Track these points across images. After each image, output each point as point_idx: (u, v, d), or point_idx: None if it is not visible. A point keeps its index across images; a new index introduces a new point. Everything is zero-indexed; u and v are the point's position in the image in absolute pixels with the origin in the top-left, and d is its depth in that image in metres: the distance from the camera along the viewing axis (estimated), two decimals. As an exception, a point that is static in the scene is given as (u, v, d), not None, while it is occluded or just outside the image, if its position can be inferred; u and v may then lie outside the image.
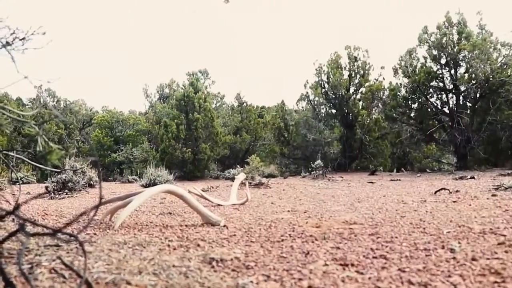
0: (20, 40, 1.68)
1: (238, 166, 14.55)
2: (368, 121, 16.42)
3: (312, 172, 12.31)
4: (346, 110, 16.58)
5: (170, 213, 3.83)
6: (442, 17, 14.06)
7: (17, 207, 0.87)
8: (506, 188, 5.22)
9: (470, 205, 3.85)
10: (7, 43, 1.67)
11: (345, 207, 4.09)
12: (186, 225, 2.93)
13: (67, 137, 25.28)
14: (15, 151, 2.12)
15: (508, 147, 13.25)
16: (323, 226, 2.77)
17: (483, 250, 1.83)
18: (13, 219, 2.99)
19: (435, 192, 5.41)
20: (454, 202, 4.24)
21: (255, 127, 20.63)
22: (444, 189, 5.53)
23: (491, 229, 2.37)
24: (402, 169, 17.03)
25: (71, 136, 26.05)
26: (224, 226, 2.84)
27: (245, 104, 22.00)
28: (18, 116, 1.67)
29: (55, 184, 6.95)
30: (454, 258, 1.72)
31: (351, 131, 16.50)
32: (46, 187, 7.12)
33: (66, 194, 6.75)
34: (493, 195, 4.66)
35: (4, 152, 2.14)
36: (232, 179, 9.67)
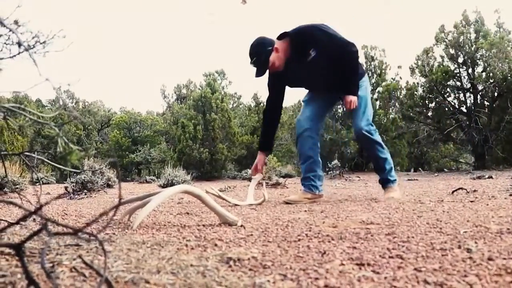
0: (41, 43, 1.72)
1: (255, 166, 14.57)
2: (385, 121, 16.36)
3: (329, 172, 12.31)
4: (363, 110, 16.52)
5: (188, 213, 3.86)
6: (459, 16, 13.96)
7: (40, 207, 0.90)
8: (525, 188, 5.19)
9: (487, 205, 3.83)
10: (29, 47, 1.71)
11: (362, 207, 4.09)
12: (203, 225, 2.95)
13: (85, 138, 25.52)
14: (36, 153, 2.16)
15: (527, 146, 13.14)
16: (339, 226, 2.78)
17: (500, 250, 1.83)
18: (34, 219, 3.04)
19: (453, 192, 5.38)
20: (471, 201, 4.22)
21: (272, 127, 20.66)
22: (462, 188, 5.51)
23: (508, 229, 2.36)
24: (420, 168, 16.95)
25: (90, 137, 26.31)
26: (241, 226, 2.86)
27: (262, 104, 22.06)
28: (38, 118, 1.71)
29: (74, 184, 7.03)
30: (470, 258, 1.72)
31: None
32: (66, 188, 7.21)
33: (85, 194, 6.83)
34: (511, 195, 4.63)
35: (25, 153, 2.18)
36: (249, 179, 9.72)
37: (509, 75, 12.35)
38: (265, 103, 5.30)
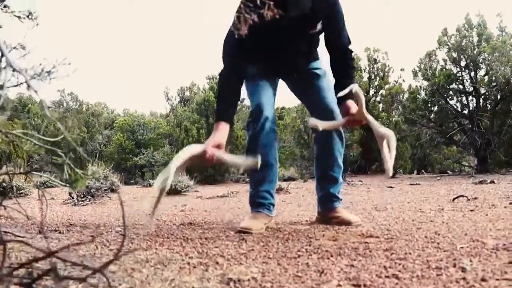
0: (47, 72, 1.78)
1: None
2: (387, 124, 16.39)
3: (332, 176, 12.33)
4: (365, 113, 16.56)
5: (191, 223, 3.92)
6: (462, 19, 13.96)
7: (52, 253, 0.95)
8: (525, 195, 5.24)
9: (487, 215, 3.88)
10: (35, 74, 1.77)
11: (363, 216, 4.15)
12: (205, 238, 3.01)
13: (89, 140, 25.60)
14: (42, 172, 2.22)
15: (529, 150, 13.16)
16: (339, 239, 2.83)
17: (494, 270, 1.87)
18: (40, 232, 3.09)
19: (453, 199, 5.42)
20: (471, 211, 4.27)
21: (275, 130, 20.70)
22: (462, 196, 5.54)
23: (504, 244, 2.41)
24: (423, 171, 16.97)
25: (93, 139, 26.39)
26: (243, 239, 2.91)
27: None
28: (45, 144, 1.76)
29: (78, 190, 7.09)
30: (464, 278, 1.77)
31: (371, 133, 16.47)
32: (70, 194, 7.27)
33: (89, 200, 6.88)
34: (511, 203, 4.67)
35: (33, 172, 2.24)
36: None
37: (511, 78, 12.37)
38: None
